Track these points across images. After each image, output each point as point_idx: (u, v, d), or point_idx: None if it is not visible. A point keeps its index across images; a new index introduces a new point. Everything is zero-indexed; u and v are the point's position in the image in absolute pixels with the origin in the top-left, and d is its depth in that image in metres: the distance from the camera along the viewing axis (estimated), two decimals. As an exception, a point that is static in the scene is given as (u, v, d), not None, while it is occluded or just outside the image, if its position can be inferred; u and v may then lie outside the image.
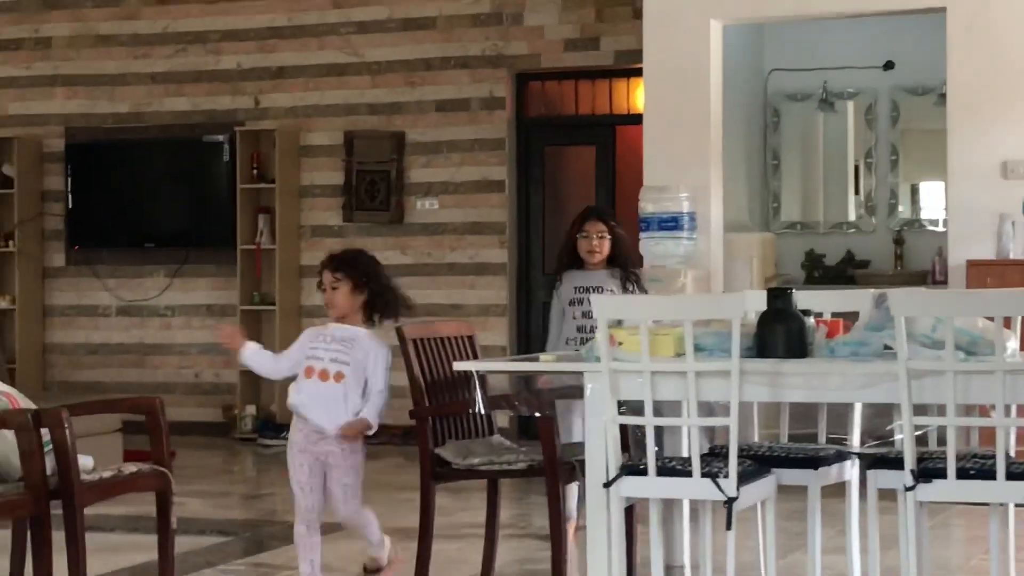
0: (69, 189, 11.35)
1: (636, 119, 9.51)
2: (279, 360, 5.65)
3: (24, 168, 11.43)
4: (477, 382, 5.28)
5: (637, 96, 10.30)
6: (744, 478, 4.60)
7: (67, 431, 4.72)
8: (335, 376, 5.51)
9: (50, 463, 4.72)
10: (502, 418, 7.38)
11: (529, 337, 10.57)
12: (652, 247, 7.54)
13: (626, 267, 6.57)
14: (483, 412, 5.42)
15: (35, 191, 11.53)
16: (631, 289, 6.49)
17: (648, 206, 7.66)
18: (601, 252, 6.54)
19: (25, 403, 4.98)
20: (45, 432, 4.76)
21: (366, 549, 5.88)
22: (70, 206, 11.34)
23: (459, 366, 5.35)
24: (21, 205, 11.39)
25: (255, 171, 10.96)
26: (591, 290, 6.50)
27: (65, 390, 11.08)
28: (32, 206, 11.47)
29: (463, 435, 5.59)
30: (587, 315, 6.44)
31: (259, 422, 10.79)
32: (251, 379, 10.89)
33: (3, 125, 11.59)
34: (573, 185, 10.81)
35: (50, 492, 4.70)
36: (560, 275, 6.72)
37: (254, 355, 5.65)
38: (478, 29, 10.60)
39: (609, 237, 6.55)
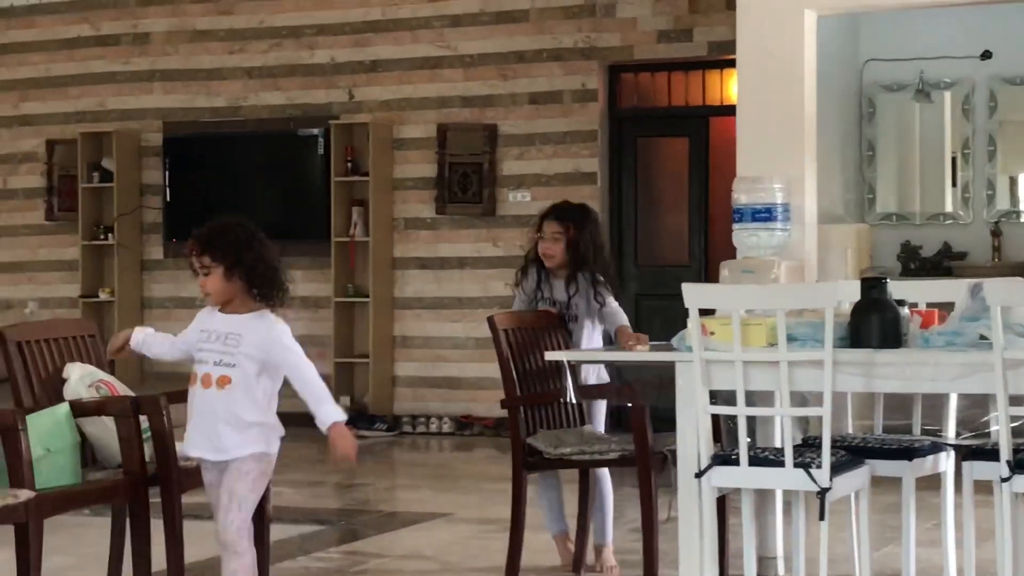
0: (166, 183, 11.51)
1: (729, 110, 9.44)
2: (176, 343, 4.89)
3: (123, 162, 11.61)
4: (568, 371, 5.30)
5: (730, 87, 10.24)
6: (837, 469, 4.57)
7: (165, 418, 4.79)
8: (218, 382, 4.58)
9: (148, 450, 4.80)
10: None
11: (621, 329, 10.54)
12: (745, 238, 7.49)
13: (583, 272, 5.88)
14: (574, 401, 5.44)
15: (133, 185, 11.70)
16: (599, 300, 5.85)
17: (741, 197, 7.60)
18: (554, 256, 5.88)
19: (124, 391, 5.07)
20: (144, 420, 4.84)
21: None
22: (167, 199, 11.49)
23: (551, 355, 5.37)
24: (120, 199, 11.56)
25: (349, 164, 11.03)
26: (549, 301, 5.87)
27: (162, 380, 11.22)
28: (131, 200, 11.64)
29: (555, 425, 5.60)
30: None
31: (353, 414, 10.87)
32: (345, 371, 10.99)
33: (102, 120, 11.77)
34: (666, 177, 10.77)
35: (148, 478, 4.78)
36: (523, 276, 6.02)
37: (147, 338, 4.89)
38: (571, 21, 10.59)
39: (564, 239, 5.88)
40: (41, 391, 4.98)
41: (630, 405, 5.13)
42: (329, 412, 4.60)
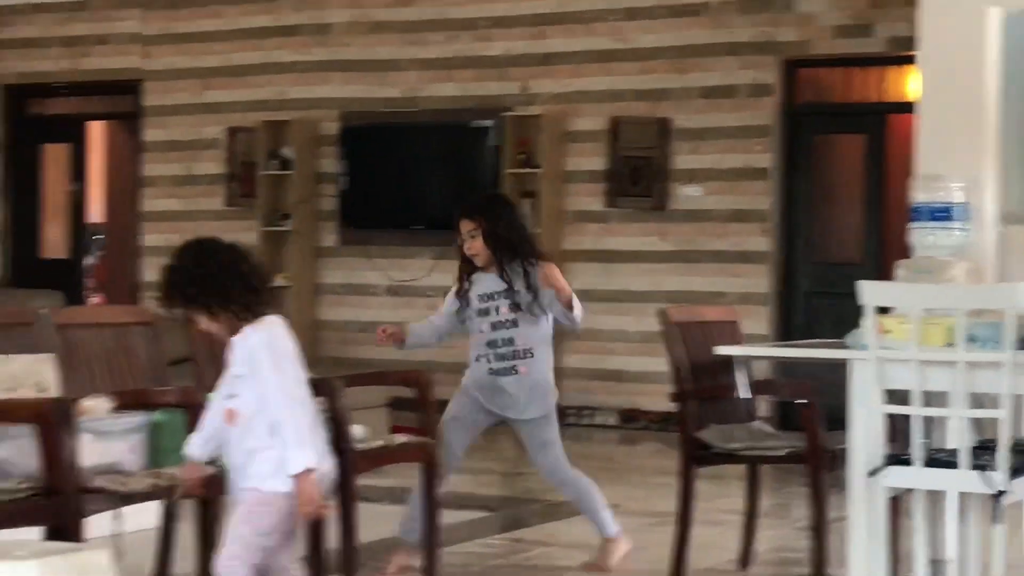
0: (343, 172, 11.71)
1: (908, 107, 9.31)
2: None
3: (301, 151, 11.85)
4: (740, 367, 5.29)
5: (910, 84, 10.09)
6: (1016, 472, 4.49)
7: (341, 400, 4.89)
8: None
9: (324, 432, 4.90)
10: (762, 407, 7.34)
11: (791, 326, 10.46)
12: (922, 237, 7.36)
13: (513, 262, 5.75)
14: (746, 397, 5.42)
15: (311, 173, 11.93)
16: (529, 283, 5.74)
17: (920, 195, 7.47)
18: (478, 252, 5.73)
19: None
20: (320, 402, 4.95)
21: None
22: (343, 188, 11.69)
23: (722, 350, 5.36)
24: (298, 186, 11.80)
25: (521, 156, 11.11)
26: (493, 297, 5.76)
27: (335, 365, 11.43)
28: (308, 187, 11.88)
29: (724, 421, 5.59)
30: (496, 326, 5.76)
31: (519, 403, 10.94)
32: (513, 361, 11.05)
33: (282, 108, 12.02)
34: (841, 174, 10.65)
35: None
36: (462, 284, 5.82)
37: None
38: (747, 15, 10.53)
39: (480, 234, 5.71)
40: (223, 370, 5.12)
41: (801, 402, 5.09)
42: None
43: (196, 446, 4.03)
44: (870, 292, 4.65)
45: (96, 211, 13.98)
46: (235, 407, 3.96)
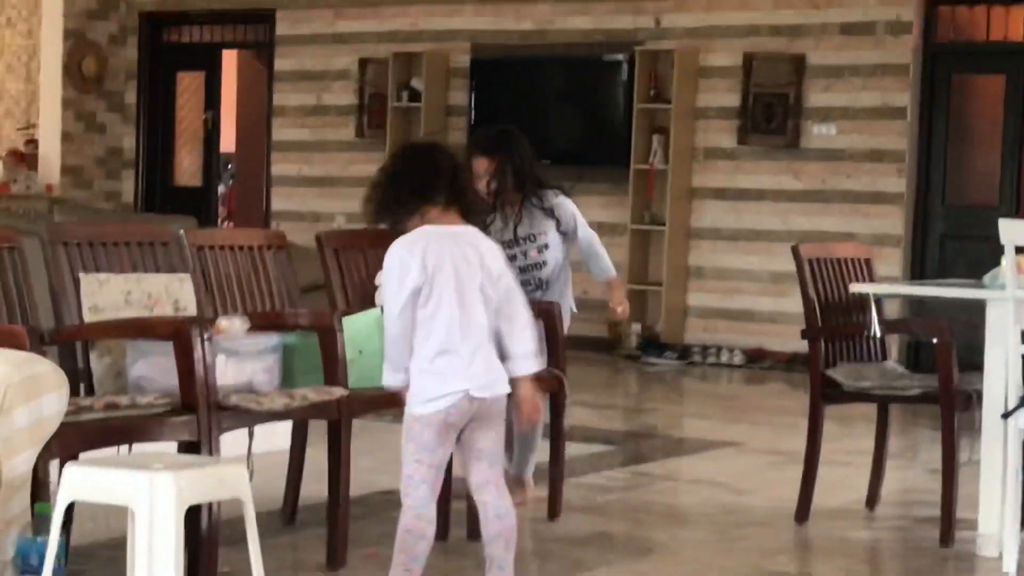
0: (472, 104, 11.72)
1: (1051, 47, 9.09)
2: None
3: (431, 83, 11.87)
4: (873, 305, 5.22)
5: (1053, 23, 9.82)
6: None
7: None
8: None
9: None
10: (892, 349, 7.25)
11: (924, 269, 10.30)
12: (1062, 179, 7.21)
13: (531, 199, 5.48)
14: (878, 335, 5.35)
15: (441, 105, 11.95)
16: (563, 230, 5.54)
17: (1061, 137, 7.32)
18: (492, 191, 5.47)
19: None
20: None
21: None
22: (472, 121, 11.70)
23: (856, 288, 5.30)
24: (427, 119, 11.83)
25: (652, 91, 11.03)
26: (517, 242, 5.50)
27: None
28: (437, 120, 11.90)
29: (855, 359, 5.52)
30: (524, 270, 5.46)
31: (643, 341, 10.93)
32: (638, 298, 11.04)
33: (414, 40, 12.04)
34: (979, 114, 10.42)
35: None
36: (491, 223, 5.44)
37: None
38: (887, -49, 10.32)
39: (498, 173, 5.46)
40: (354, 296, 5.18)
41: (935, 341, 5.01)
42: None
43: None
44: (1010, 230, 4.56)
45: (228, 140, 14.15)
46: None
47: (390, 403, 4.99)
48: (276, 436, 5.77)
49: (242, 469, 3.40)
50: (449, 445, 3.85)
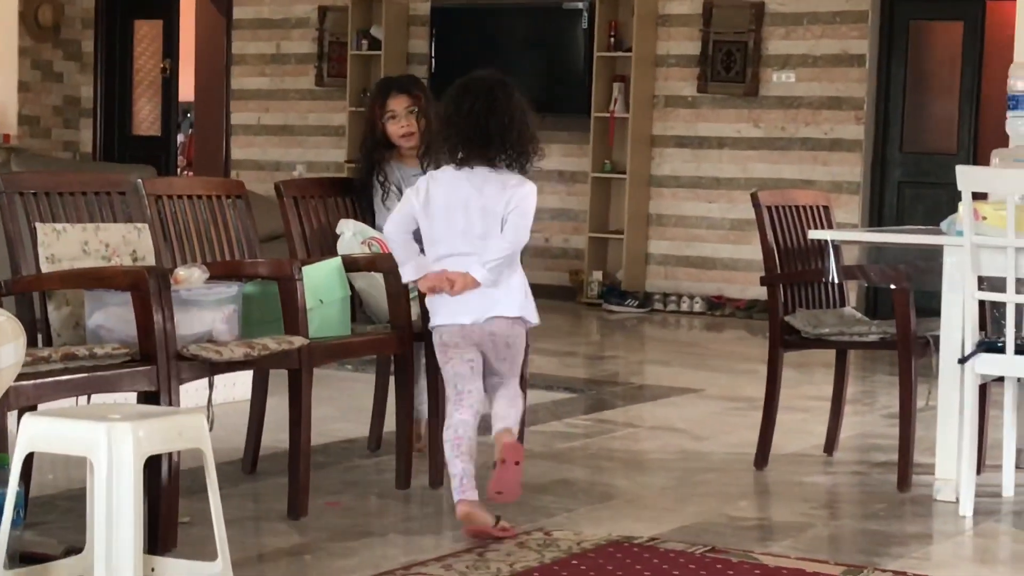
0: (432, 52, 11.66)
1: (1009, -6, 9.10)
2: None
3: (391, 30, 11.81)
4: (831, 251, 5.25)
5: (1012, -30, 9.83)
6: (1109, 362, 4.44)
7: (431, 277, 4.90)
8: None
9: (415, 309, 4.93)
10: (851, 295, 7.30)
11: (882, 216, 10.35)
12: (1020, 126, 7.23)
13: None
14: (836, 281, 5.38)
15: (400, 53, 11.90)
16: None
17: (1018, 84, 7.33)
18: (413, 133, 5.27)
19: (393, 249, 5.20)
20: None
21: None
22: (432, 70, 11.65)
23: (814, 234, 5.32)
24: (387, 66, 11.77)
25: (612, 39, 11.00)
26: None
27: (421, 247, 11.48)
28: (397, 68, 11.83)
29: (813, 306, 5.55)
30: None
31: (604, 288, 10.96)
32: (599, 246, 11.06)
33: (372, -12, 11.98)
34: (937, 62, 10.45)
35: (415, 334, 4.92)
36: (373, 175, 5.25)
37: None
38: (847, -102, 10.31)
39: (418, 111, 5.24)
40: (314, 245, 5.17)
41: (892, 287, 5.04)
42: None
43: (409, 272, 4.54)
44: (967, 177, 4.59)
45: (187, 89, 14.05)
46: None
47: (351, 352, 5.03)
48: (237, 386, 5.79)
49: (202, 419, 3.39)
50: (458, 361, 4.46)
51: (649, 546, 4.29)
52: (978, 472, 4.98)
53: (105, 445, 3.15)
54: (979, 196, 4.88)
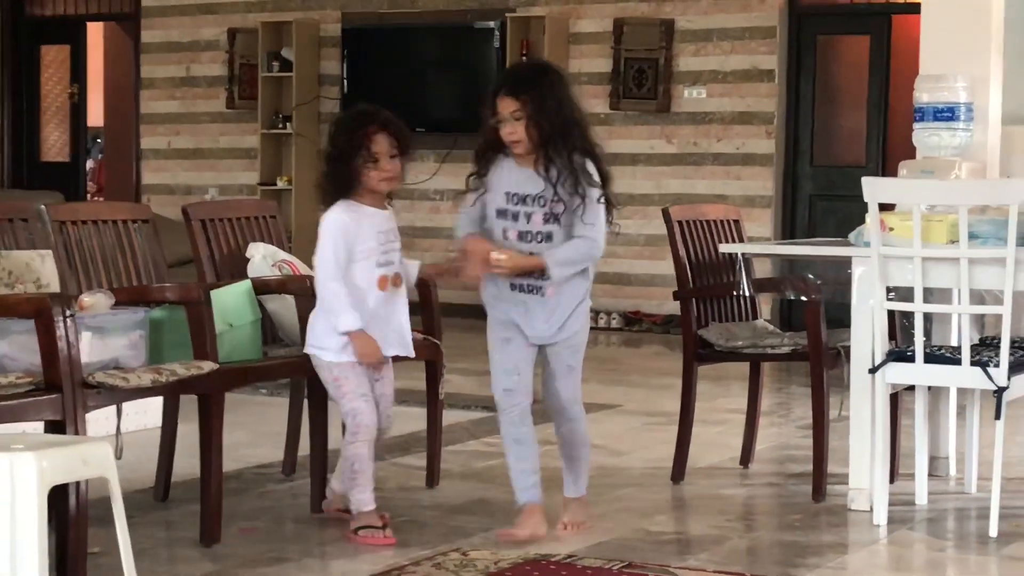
0: (344, 74, 11.62)
1: (912, 8, 9.21)
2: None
3: (302, 52, 11.75)
4: (743, 265, 5.27)
5: (915, -16, 9.97)
6: (1016, 368, 4.50)
7: (342, 298, 4.86)
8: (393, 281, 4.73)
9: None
10: (764, 308, 7.34)
11: (794, 229, 10.44)
12: (926, 138, 7.32)
13: (559, 152, 4.51)
14: (748, 295, 5.41)
15: (312, 74, 11.84)
16: (580, 193, 4.52)
17: (923, 95, 7.43)
18: (520, 137, 4.50)
19: (305, 271, 5.17)
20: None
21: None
22: (345, 90, 11.61)
23: (725, 248, 5.35)
24: (299, 88, 11.72)
25: (524, 58, 11.01)
26: (527, 201, 4.54)
27: (337, 269, 11.41)
28: (309, 89, 11.79)
29: (726, 319, 5.58)
30: (524, 237, 4.55)
31: (522, 306, 10.95)
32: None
33: (283, 9, 11.91)
34: (845, 75, 10.57)
35: (326, 356, 4.86)
36: (483, 173, 4.67)
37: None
38: (752, -88, 10.40)
39: (525, 116, 4.49)
40: (223, 268, 5.12)
41: (804, 299, 5.07)
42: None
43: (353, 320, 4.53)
44: (873, 188, 4.63)
45: (96, 114, 13.91)
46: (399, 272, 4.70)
47: (262, 375, 4.98)
48: (148, 414, 5.71)
49: (107, 447, 3.33)
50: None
51: (567, 563, 4.28)
52: (891, 481, 5.02)
53: (8, 475, 3.09)
54: (887, 207, 4.92)
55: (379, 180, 4.63)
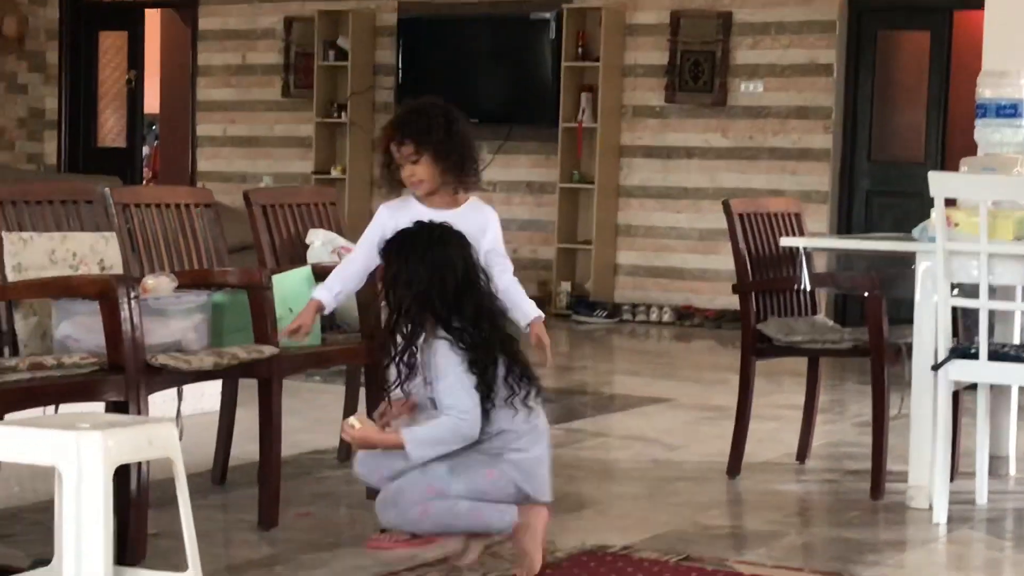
0: (399, 63, 11.63)
1: (974, 3, 9.12)
2: (368, 257, 4.37)
3: (358, 41, 11.76)
4: (803, 259, 5.24)
5: (977, -20, 9.87)
6: (1082, 367, 4.44)
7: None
8: None
9: (385, 315, 4.88)
10: (821, 303, 7.29)
11: (851, 225, 10.37)
12: (988, 134, 7.24)
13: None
14: (808, 289, 5.37)
15: (367, 64, 11.86)
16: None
17: (986, 92, 7.35)
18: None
19: (363, 257, 5.16)
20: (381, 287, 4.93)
21: None
22: (400, 80, 11.62)
23: (786, 242, 5.31)
24: (354, 77, 11.74)
25: (580, 49, 10.99)
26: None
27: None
28: (364, 79, 11.81)
29: (785, 314, 5.54)
30: None
31: (573, 299, 10.94)
32: (567, 256, 11.04)
33: (339, -1, 11.94)
34: (905, 71, 10.48)
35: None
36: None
37: (337, 288, 4.46)
38: (816, -95, 10.34)
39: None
40: (283, 254, 5.12)
41: (865, 295, 5.03)
42: (530, 309, 4.44)
43: (326, 292, 4.40)
44: (939, 183, 4.59)
45: (152, 100, 13.98)
46: None
47: (322, 361, 4.98)
48: (205, 398, 5.73)
49: (172, 428, 3.35)
50: None
51: (623, 555, 4.26)
52: (951, 479, 4.97)
53: (75, 454, 3.10)
54: (949, 204, 4.88)
55: (410, 185, 4.36)
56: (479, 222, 4.35)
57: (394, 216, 4.30)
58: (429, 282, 3.89)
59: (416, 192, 4.35)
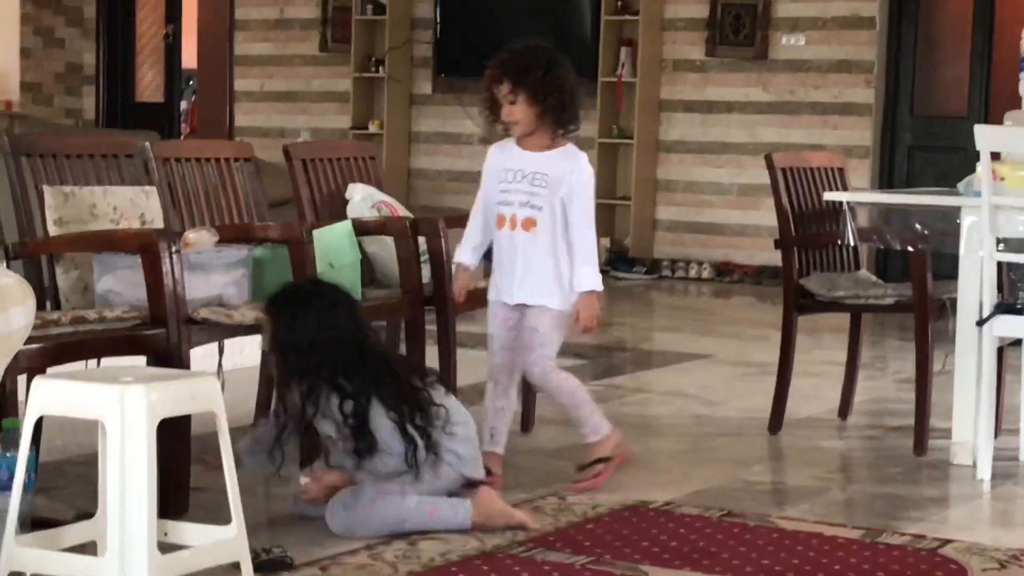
0: (438, 17, 11.57)
1: (1021, -45, 9.02)
2: (488, 207, 4.45)
3: (395, -5, 11.72)
4: (848, 213, 5.19)
5: (1023, -69, 9.74)
6: None
7: (443, 241, 4.87)
8: (523, 224, 4.38)
9: (426, 272, 4.88)
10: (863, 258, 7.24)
11: (892, 180, 10.28)
12: (1034, 88, 7.18)
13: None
14: (852, 244, 5.32)
15: (405, 18, 11.81)
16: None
17: (1032, 45, 7.27)
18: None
19: (404, 213, 5.16)
20: (422, 242, 4.93)
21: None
22: (438, 34, 11.56)
23: (830, 196, 5.26)
24: (392, 32, 11.69)
25: (620, 3, 10.91)
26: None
27: (428, 213, 11.40)
28: (402, 33, 11.76)
29: (827, 269, 5.50)
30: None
31: (612, 255, 10.90)
32: (606, 212, 10.99)
33: (377, -48, 11.88)
34: (948, 24, 10.36)
35: (425, 299, 4.87)
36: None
37: (475, 248, 4.53)
38: None
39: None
40: (323, 209, 5.11)
41: (909, 250, 4.98)
42: (587, 276, 4.46)
43: (467, 255, 4.49)
44: (986, 136, 4.53)
45: (189, 55, 13.97)
46: (535, 217, 4.36)
47: (365, 315, 4.96)
48: (244, 353, 5.73)
49: (215, 381, 3.34)
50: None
51: (664, 510, 4.25)
52: (995, 436, 4.93)
53: (118, 407, 3.09)
54: (993, 158, 4.81)
55: (508, 126, 4.40)
56: (565, 169, 4.38)
57: (496, 157, 4.44)
58: (320, 351, 3.88)
59: (513, 133, 4.38)
